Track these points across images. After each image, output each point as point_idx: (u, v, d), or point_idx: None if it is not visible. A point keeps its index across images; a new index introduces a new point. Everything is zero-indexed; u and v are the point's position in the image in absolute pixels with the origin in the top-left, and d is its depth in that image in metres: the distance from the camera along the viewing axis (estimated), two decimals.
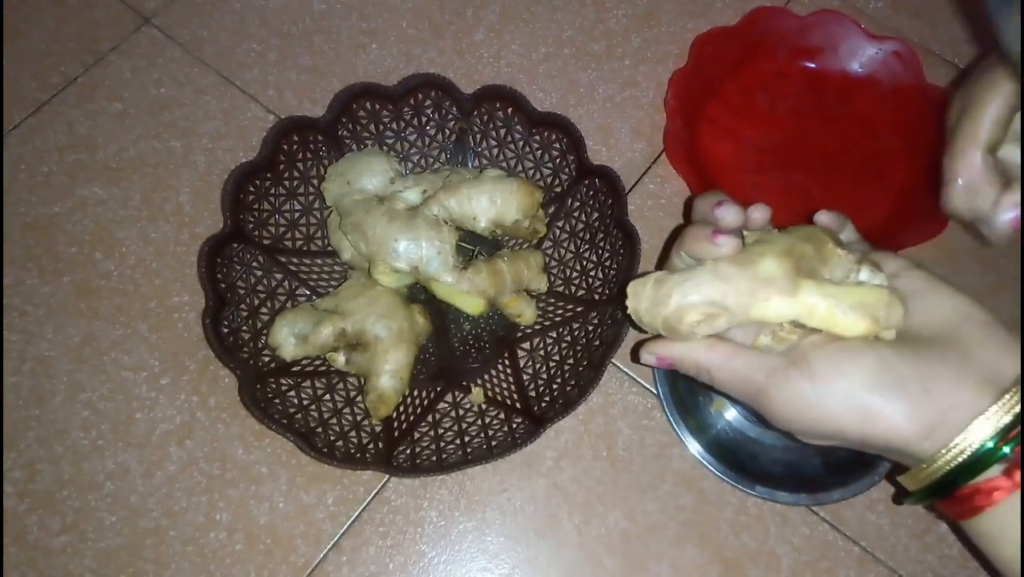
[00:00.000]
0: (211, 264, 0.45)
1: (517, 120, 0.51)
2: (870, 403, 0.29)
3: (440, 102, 0.52)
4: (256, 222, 0.49)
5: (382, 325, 0.45)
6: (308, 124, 0.50)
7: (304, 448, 0.41)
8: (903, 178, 0.56)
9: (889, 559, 0.45)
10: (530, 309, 0.49)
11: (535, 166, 0.52)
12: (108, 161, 0.55)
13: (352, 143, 0.52)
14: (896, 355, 0.29)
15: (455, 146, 0.53)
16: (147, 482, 0.46)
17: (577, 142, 0.49)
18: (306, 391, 0.46)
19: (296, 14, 0.61)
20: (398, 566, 0.45)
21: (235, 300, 0.46)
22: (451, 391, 0.48)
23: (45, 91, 0.57)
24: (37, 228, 0.53)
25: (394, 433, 0.46)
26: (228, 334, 0.45)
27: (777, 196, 0.56)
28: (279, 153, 0.49)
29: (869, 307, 0.30)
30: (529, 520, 0.46)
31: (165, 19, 0.60)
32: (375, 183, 0.48)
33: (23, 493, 0.45)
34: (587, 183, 0.50)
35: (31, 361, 0.49)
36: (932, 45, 0.62)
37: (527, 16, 0.62)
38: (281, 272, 0.49)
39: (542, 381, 0.47)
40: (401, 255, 0.45)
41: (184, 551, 0.44)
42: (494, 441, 0.45)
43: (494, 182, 0.46)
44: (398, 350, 0.45)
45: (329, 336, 0.45)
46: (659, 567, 0.45)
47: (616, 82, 0.59)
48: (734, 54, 0.59)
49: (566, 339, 0.48)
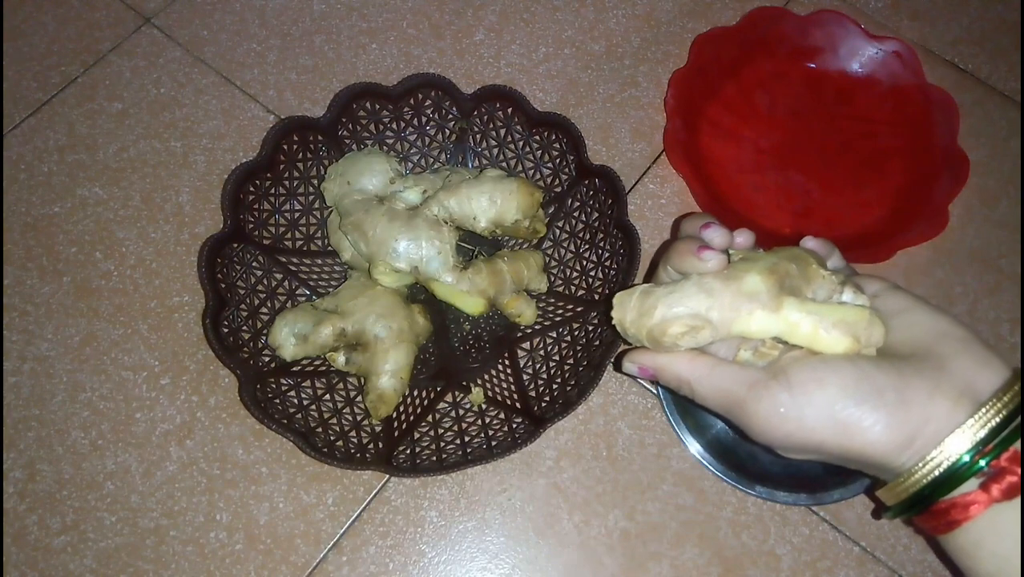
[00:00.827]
0: (211, 264, 0.45)
1: (517, 120, 0.51)
2: (848, 415, 0.29)
3: (440, 102, 0.52)
4: (256, 222, 0.49)
5: (382, 325, 0.45)
6: (308, 124, 0.50)
7: (304, 448, 0.41)
8: (902, 178, 0.56)
9: (889, 559, 0.45)
10: (530, 309, 0.49)
11: (535, 166, 0.52)
12: (108, 161, 0.55)
13: (352, 143, 0.52)
14: (874, 367, 0.29)
15: (455, 146, 0.53)
16: (147, 482, 0.46)
17: (577, 142, 0.49)
18: (306, 391, 0.46)
19: (296, 14, 0.61)
20: (398, 566, 0.45)
21: (235, 300, 0.46)
22: (451, 391, 0.48)
23: (45, 91, 0.57)
24: (37, 228, 0.53)
25: (394, 433, 0.46)
26: (228, 334, 0.45)
27: (777, 196, 0.56)
28: (279, 153, 0.49)
29: (851, 325, 0.30)
30: (529, 520, 0.46)
31: (165, 19, 0.60)
32: (375, 183, 0.48)
33: (23, 493, 0.45)
34: (587, 183, 0.50)
35: (31, 361, 0.49)
36: (932, 45, 0.62)
37: (527, 16, 0.62)
38: (281, 272, 0.49)
39: (542, 381, 0.47)
40: (401, 255, 0.45)
41: (184, 551, 0.44)
42: (494, 441, 0.45)
43: (494, 182, 0.46)
44: (398, 350, 0.45)
45: (329, 336, 0.45)
46: (659, 567, 0.45)
47: (616, 82, 0.59)
48: (734, 54, 0.59)
49: (566, 339, 0.48)
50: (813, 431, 0.29)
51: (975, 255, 0.54)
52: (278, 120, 0.53)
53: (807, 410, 0.29)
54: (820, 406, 0.29)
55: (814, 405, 0.29)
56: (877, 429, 0.28)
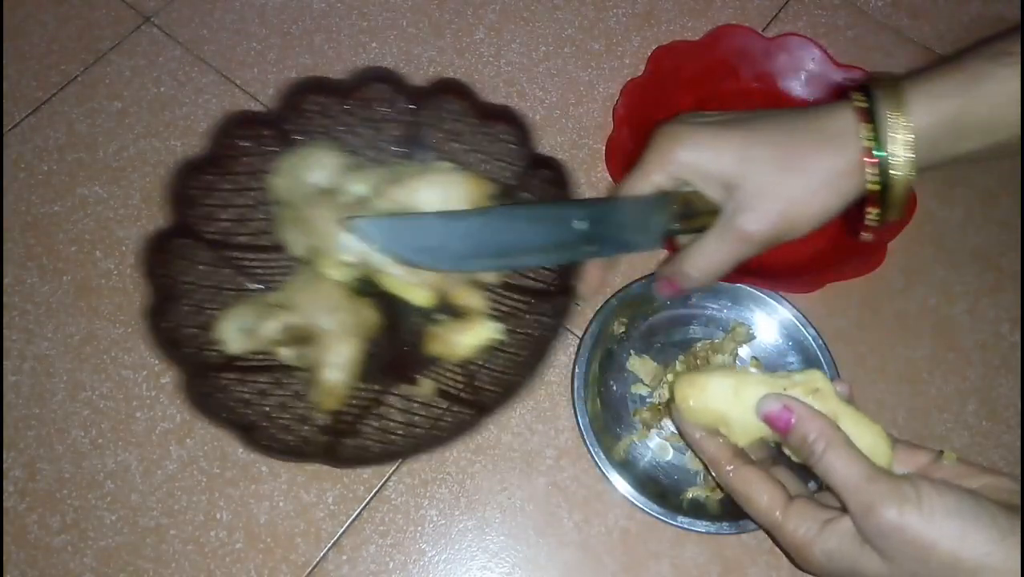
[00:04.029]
0: (152, 259, 0.45)
1: (467, 112, 0.51)
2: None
3: (390, 95, 0.51)
4: (203, 217, 0.48)
5: (329, 318, 0.45)
6: (254, 118, 0.49)
7: (246, 442, 0.41)
8: None
9: None
10: (479, 300, 0.48)
11: (486, 158, 0.52)
12: (108, 160, 0.55)
13: (301, 137, 0.51)
14: None
15: (406, 139, 0.53)
16: (147, 481, 0.46)
17: (526, 133, 0.49)
18: (252, 385, 0.46)
19: (296, 13, 0.61)
20: (398, 565, 0.45)
21: (179, 295, 0.46)
22: (401, 383, 0.48)
23: (45, 90, 0.57)
24: (37, 227, 0.53)
25: (341, 425, 0.46)
26: (171, 329, 0.44)
27: None
28: (225, 148, 0.49)
29: None
30: (529, 518, 0.46)
31: (165, 18, 0.60)
32: (322, 177, 0.48)
33: (23, 492, 0.45)
34: (536, 174, 0.50)
35: (31, 360, 0.49)
36: (932, 44, 0.62)
37: (527, 15, 0.62)
38: (229, 267, 0.49)
39: (491, 372, 0.47)
40: (348, 247, 0.45)
41: (184, 550, 0.44)
42: (441, 432, 0.45)
43: (441, 174, 0.46)
44: (345, 343, 0.45)
45: (275, 330, 0.45)
46: (659, 566, 0.45)
47: (616, 81, 0.59)
48: (693, 69, 0.56)
49: (516, 330, 0.48)
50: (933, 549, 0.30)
51: (975, 255, 0.54)
52: (224, 114, 0.51)
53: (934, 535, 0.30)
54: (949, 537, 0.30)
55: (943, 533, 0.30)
56: None
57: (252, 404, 0.45)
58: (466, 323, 0.48)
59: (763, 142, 0.36)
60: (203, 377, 0.44)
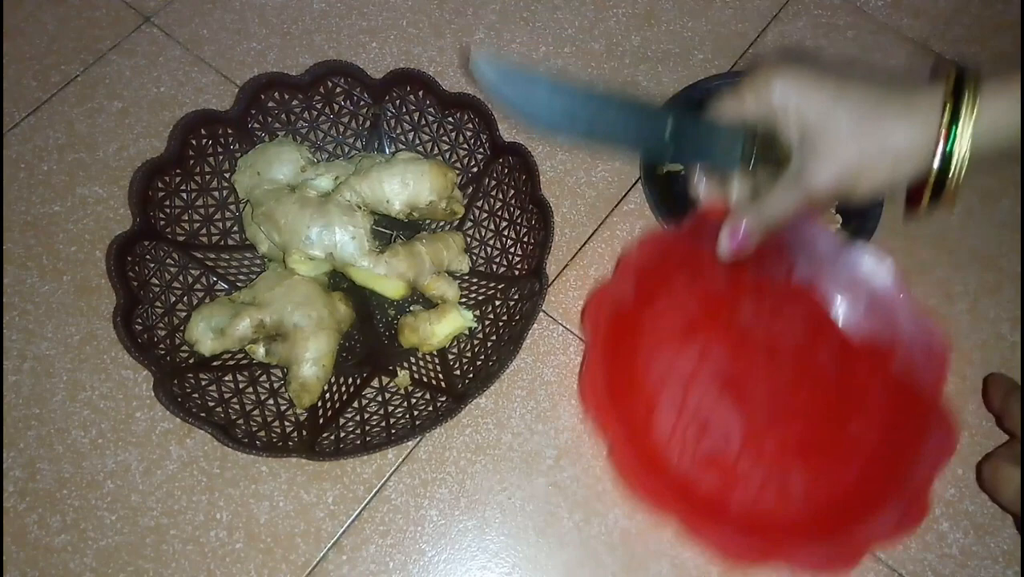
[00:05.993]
0: (120, 263, 0.45)
1: (429, 103, 0.51)
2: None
3: (350, 89, 0.52)
4: (168, 218, 0.48)
5: (300, 314, 0.45)
6: (215, 118, 0.49)
7: (223, 439, 0.41)
8: (876, 443, 0.45)
9: (889, 558, 0.45)
10: (452, 290, 0.49)
11: (451, 147, 0.52)
12: (108, 160, 0.55)
13: (264, 134, 0.51)
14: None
15: (370, 132, 0.53)
16: (147, 481, 0.46)
17: (489, 120, 0.49)
18: (228, 385, 0.46)
19: (296, 13, 0.61)
20: (398, 565, 0.45)
21: (149, 298, 0.46)
22: (378, 376, 0.48)
23: (45, 90, 0.57)
24: (37, 227, 0.53)
25: (319, 420, 0.46)
26: (142, 332, 0.44)
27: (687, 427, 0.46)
28: (187, 148, 0.49)
29: None
30: (529, 518, 0.46)
31: (165, 18, 0.60)
32: (285, 172, 0.48)
33: (23, 492, 0.45)
34: (501, 161, 0.50)
35: (31, 360, 0.49)
36: (932, 44, 0.62)
37: (527, 15, 0.62)
38: (198, 268, 0.49)
39: (466, 360, 0.48)
40: (315, 242, 0.45)
41: (184, 550, 0.44)
42: (418, 421, 0.45)
43: (405, 164, 0.46)
44: (318, 338, 0.45)
45: (247, 328, 0.45)
46: (659, 565, 0.45)
47: (616, 81, 0.59)
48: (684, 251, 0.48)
49: (489, 316, 0.49)
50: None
51: (975, 254, 0.54)
52: (185, 115, 0.50)
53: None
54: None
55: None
56: None
57: (229, 403, 0.45)
58: (439, 313, 0.48)
59: (852, 99, 0.38)
60: (178, 378, 0.44)
